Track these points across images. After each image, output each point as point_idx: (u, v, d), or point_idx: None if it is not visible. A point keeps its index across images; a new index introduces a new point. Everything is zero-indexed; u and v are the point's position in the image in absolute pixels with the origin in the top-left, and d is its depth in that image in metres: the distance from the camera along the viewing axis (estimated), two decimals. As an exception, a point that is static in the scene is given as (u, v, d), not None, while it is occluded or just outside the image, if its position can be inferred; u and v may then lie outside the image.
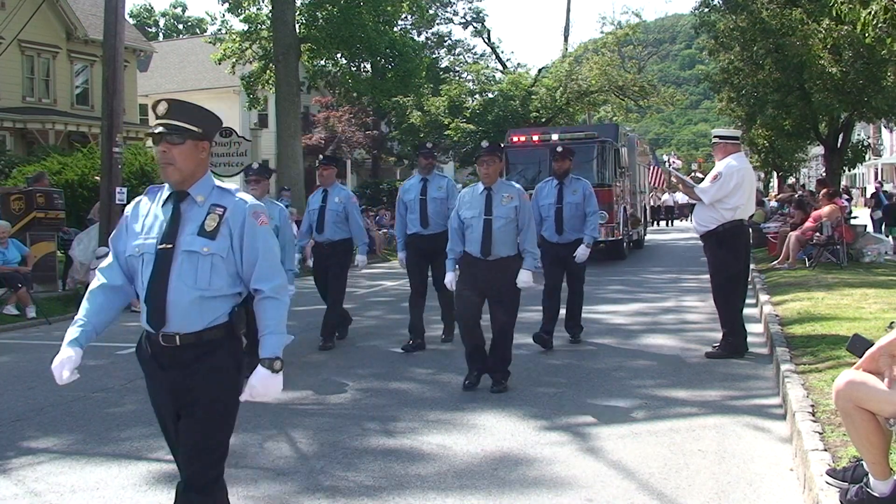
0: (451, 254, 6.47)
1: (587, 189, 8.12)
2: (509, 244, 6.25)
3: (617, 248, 17.87)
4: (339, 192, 8.64)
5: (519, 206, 6.23)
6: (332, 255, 8.53)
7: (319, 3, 23.86)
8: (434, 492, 4.21)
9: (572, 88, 31.76)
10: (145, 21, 62.18)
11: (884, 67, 17.99)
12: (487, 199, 6.27)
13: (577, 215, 8.01)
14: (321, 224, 8.52)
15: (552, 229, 8.08)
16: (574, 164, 16.72)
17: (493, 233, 6.18)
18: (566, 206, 8.04)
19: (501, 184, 6.35)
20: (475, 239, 6.23)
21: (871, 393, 3.28)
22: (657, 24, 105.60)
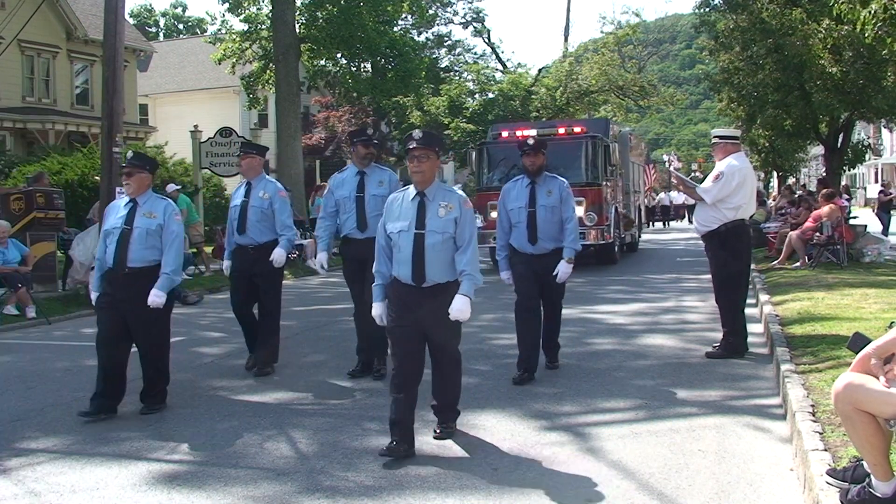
0: (378, 277, 5.02)
1: (564, 189, 6.77)
2: (450, 266, 4.85)
3: (608, 252, 16.70)
4: (264, 185, 7.31)
5: (459, 218, 4.85)
6: (257, 262, 7.15)
7: (319, 3, 23.86)
8: (434, 492, 4.21)
9: (572, 88, 31.79)
10: (145, 21, 62.21)
11: (884, 67, 17.99)
12: (420, 207, 4.84)
13: (553, 220, 6.69)
14: (242, 223, 7.21)
15: (524, 238, 6.71)
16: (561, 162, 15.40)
17: (426, 251, 4.79)
18: (540, 210, 6.67)
19: (439, 188, 4.94)
20: (404, 259, 4.82)
21: (870, 395, 3.28)
22: (657, 24, 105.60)
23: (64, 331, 10.17)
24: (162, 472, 4.67)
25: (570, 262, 6.68)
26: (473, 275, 4.81)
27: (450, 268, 4.84)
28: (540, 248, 6.71)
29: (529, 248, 6.73)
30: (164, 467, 4.76)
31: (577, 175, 15.05)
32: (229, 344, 8.81)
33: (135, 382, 6.94)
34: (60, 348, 8.89)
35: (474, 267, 4.83)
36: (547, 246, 6.71)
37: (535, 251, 6.73)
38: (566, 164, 14.91)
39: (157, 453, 5.01)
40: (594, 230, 15.61)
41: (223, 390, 6.69)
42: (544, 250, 6.71)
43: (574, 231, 6.70)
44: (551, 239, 6.70)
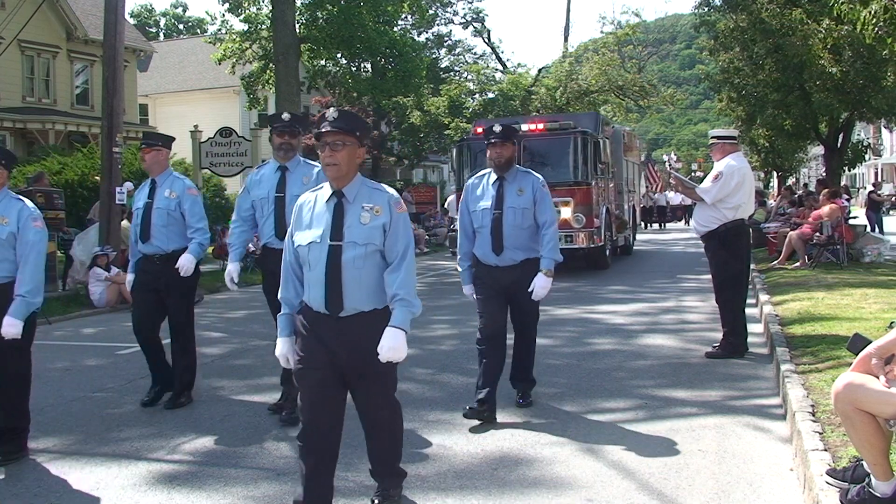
0: (284, 305, 3.84)
1: (539, 187, 5.61)
2: (376, 289, 3.66)
3: (598, 257, 15.50)
4: (171, 182, 6.19)
5: (389, 225, 3.66)
6: (164, 274, 6.06)
7: (319, 3, 23.89)
8: (434, 492, 4.21)
9: (572, 88, 31.78)
10: (145, 21, 62.23)
11: (884, 67, 18.01)
12: (337, 211, 3.65)
13: (523, 225, 5.55)
14: (146, 228, 6.11)
15: (487, 246, 5.58)
16: (548, 159, 14.96)
17: (343, 269, 3.60)
18: (508, 213, 5.53)
19: (363, 186, 3.72)
20: (315, 280, 3.63)
21: (870, 395, 3.28)
22: (657, 24, 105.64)
23: (64, 331, 10.17)
24: (162, 472, 4.67)
25: (548, 274, 5.52)
26: (409, 300, 3.63)
27: (376, 291, 3.64)
28: (506, 258, 5.56)
29: (493, 259, 5.58)
30: (164, 467, 4.76)
31: (564, 174, 14.47)
32: (229, 344, 8.81)
33: (134, 383, 6.94)
34: (60, 348, 8.89)
35: (410, 290, 3.65)
36: (515, 257, 5.55)
37: (499, 262, 5.57)
38: (552, 162, 14.48)
39: (157, 453, 5.01)
40: (583, 233, 14.53)
41: (223, 390, 6.69)
42: (511, 262, 5.56)
43: (553, 238, 5.57)
44: (521, 248, 5.56)
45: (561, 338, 8.65)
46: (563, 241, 14.11)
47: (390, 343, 3.57)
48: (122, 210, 13.26)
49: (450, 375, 6.94)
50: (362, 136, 3.72)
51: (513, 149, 5.64)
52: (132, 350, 8.57)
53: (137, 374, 7.11)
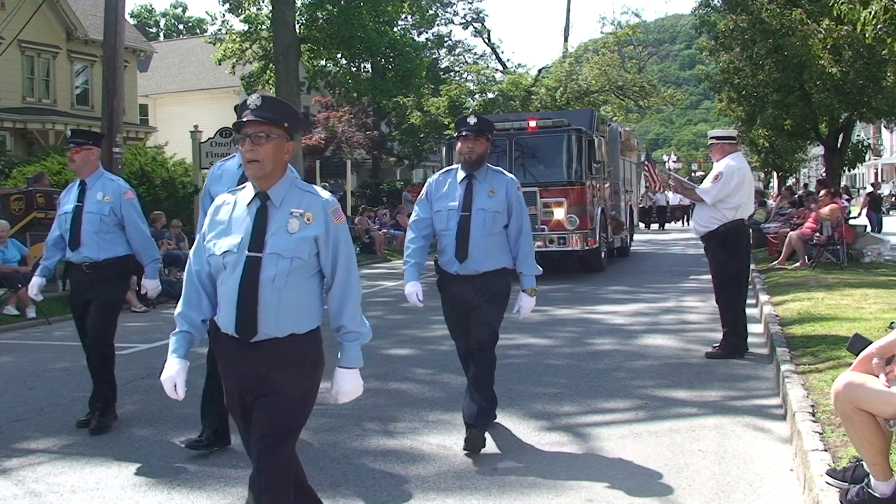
0: (181, 321, 3.22)
1: (513, 190, 5.01)
2: (296, 313, 3.05)
3: (593, 259, 15.03)
4: (103, 184, 5.64)
5: (324, 238, 3.05)
6: (94, 285, 5.56)
7: (319, 4, 23.90)
8: (434, 492, 4.21)
9: (572, 88, 31.81)
10: (145, 21, 62.23)
11: (884, 67, 18.00)
12: (259, 216, 3.03)
13: (493, 231, 4.93)
14: (75, 235, 5.55)
15: (451, 251, 4.95)
16: (540, 158, 14.71)
17: (261, 288, 2.99)
18: (477, 215, 4.91)
19: (293, 188, 3.10)
20: (227, 297, 3.04)
21: (870, 394, 3.28)
22: (657, 24, 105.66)
23: (64, 331, 10.16)
24: (162, 472, 4.67)
25: (532, 293, 5.07)
26: (358, 331, 3.14)
27: (299, 315, 3.05)
28: (470, 267, 4.92)
29: (455, 266, 4.95)
30: (164, 467, 4.76)
31: (557, 173, 14.22)
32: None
33: (134, 383, 6.94)
34: (60, 348, 8.90)
35: (357, 317, 3.13)
36: (479, 266, 4.91)
37: (461, 270, 4.93)
38: (545, 161, 14.28)
39: (157, 453, 5.01)
40: (576, 235, 14.06)
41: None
42: (475, 271, 4.92)
43: (529, 249, 5.04)
44: (488, 256, 4.93)
45: (561, 338, 8.65)
46: (555, 243, 14.04)
47: (346, 387, 3.16)
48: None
49: (450, 375, 6.94)
50: (292, 128, 3.09)
51: (486, 145, 5.02)
52: (132, 350, 8.58)
53: (137, 375, 7.12)
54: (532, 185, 13.63)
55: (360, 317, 3.17)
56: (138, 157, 20.69)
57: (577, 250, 14.28)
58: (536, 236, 13.94)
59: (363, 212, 24.48)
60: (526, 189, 13.91)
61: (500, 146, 13.84)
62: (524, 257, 5.02)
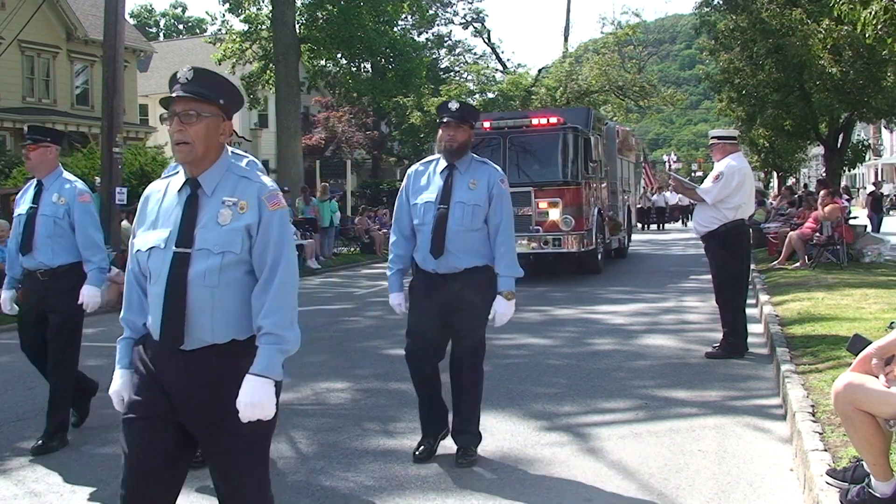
0: (125, 327, 2.92)
1: (496, 182, 4.61)
2: (233, 316, 2.69)
3: (589, 261, 14.62)
4: (60, 186, 5.25)
5: (259, 228, 2.69)
6: (49, 295, 5.17)
7: (319, 3, 23.92)
8: (434, 492, 4.21)
9: (572, 88, 31.82)
10: (145, 21, 62.24)
11: (884, 67, 18.02)
12: (189, 206, 2.70)
13: (472, 226, 4.55)
14: (28, 239, 5.17)
15: (427, 247, 4.59)
16: (535, 157, 14.44)
17: (189, 286, 2.65)
18: (455, 208, 4.54)
19: (229, 172, 2.76)
20: (154, 300, 2.72)
21: (870, 395, 3.28)
22: (657, 24, 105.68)
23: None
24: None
25: (510, 297, 4.57)
26: (279, 334, 2.66)
27: (238, 318, 2.68)
28: (447, 264, 4.55)
29: (432, 264, 4.58)
30: (164, 467, 4.74)
31: (552, 172, 13.89)
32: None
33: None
34: (60, 348, 8.88)
35: (282, 319, 2.67)
36: (458, 263, 4.54)
37: (438, 268, 4.57)
38: (540, 160, 13.96)
39: (157, 453, 5.00)
40: (572, 236, 13.68)
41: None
42: (452, 269, 4.55)
43: (510, 248, 4.59)
44: (467, 253, 4.55)
45: (561, 338, 8.65)
46: (550, 244, 13.69)
47: (250, 397, 2.58)
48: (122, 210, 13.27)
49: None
50: (228, 105, 2.73)
51: (469, 133, 4.64)
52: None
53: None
54: (527, 185, 13.44)
55: (288, 319, 2.67)
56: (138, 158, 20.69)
57: (573, 252, 13.91)
58: (531, 237, 13.64)
59: (363, 212, 24.49)
60: (521, 189, 13.43)
61: (494, 144, 13.73)
62: (502, 256, 4.55)
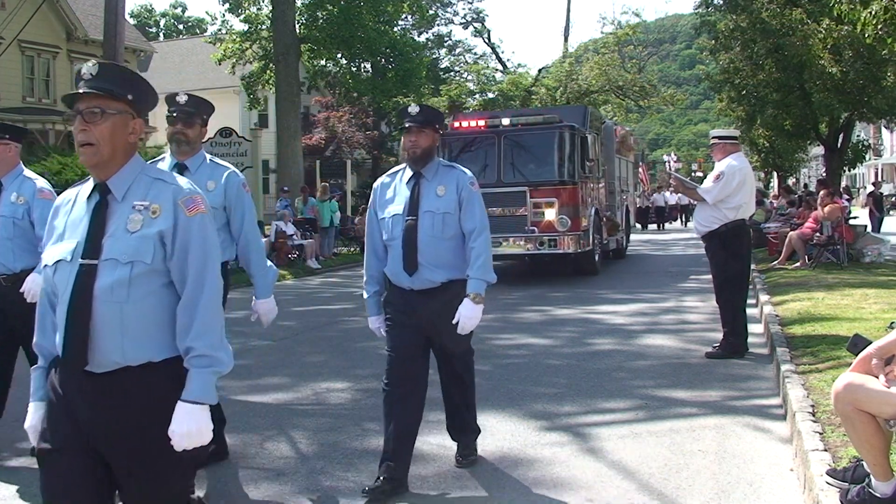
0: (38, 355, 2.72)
1: (465, 185, 4.32)
2: (147, 334, 2.46)
3: (586, 262, 14.40)
4: (20, 184, 5.01)
5: (174, 232, 2.47)
6: (10, 297, 4.85)
7: (319, 3, 23.93)
8: (434, 492, 4.21)
9: (572, 88, 31.86)
10: (145, 21, 62.24)
11: (884, 67, 18.02)
12: (96, 215, 2.50)
13: (444, 235, 4.26)
14: None
15: (399, 263, 4.29)
16: (530, 156, 14.20)
17: (94, 303, 2.41)
18: (424, 219, 4.25)
19: (142, 175, 2.54)
20: (59, 318, 2.47)
21: (870, 395, 3.28)
22: (657, 24, 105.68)
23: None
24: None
25: (477, 300, 4.22)
26: (211, 355, 2.47)
27: (152, 335, 2.43)
28: (422, 279, 4.24)
29: (406, 280, 4.27)
30: (164, 467, 4.74)
31: (547, 172, 13.61)
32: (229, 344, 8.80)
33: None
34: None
35: (213, 338, 2.48)
36: (433, 277, 4.24)
37: (413, 284, 4.26)
38: (535, 159, 13.74)
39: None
40: (568, 237, 13.34)
41: (223, 390, 6.68)
42: (429, 284, 4.25)
43: (483, 252, 4.26)
44: (442, 265, 4.25)
45: (561, 338, 8.65)
46: (546, 245, 13.39)
47: (186, 426, 2.36)
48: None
49: (450, 375, 6.94)
50: (138, 102, 2.47)
51: (433, 137, 4.35)
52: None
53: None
54: (522, 185, 13.37)
55: (216, 338, 2.46)
56: (138, 157, 20.72)
57: (569, 253, 13.59)
58: (527, 238, 13.40)
59: (363, 212, 24.47)
60: (516, 189, 13.57)
61: (488, 144, 13.68)
62: (475, 259, 4.22)
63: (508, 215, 13.23)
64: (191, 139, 4.54)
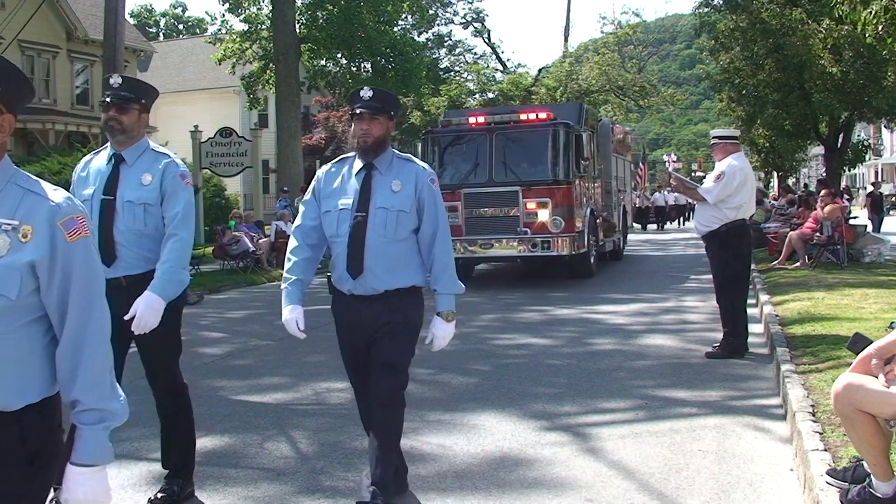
0: None
1: (425, 183, 3.83)
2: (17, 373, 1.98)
3: (580, 265, 13.81)
4: None
5: (50, 261, 1.97)
6: None
7: (319, 3, 23.93)
8: (434, 492, 4.21)
9: (572, 88, 31.88)
10: (145, 21, 62.24)
11: (884, 67, 18.03)
12: None
13: (396, 237, 3.76)
14: None
15: (342, 263, 3.79)
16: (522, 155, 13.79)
17: None
18: (376, 215, 3.75)
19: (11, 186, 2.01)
20: None
21: (869, 395, 3.28)
22: (657, 24, 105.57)
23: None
24: (162, 473, 4.65)
25: (450, 318, 3.85)
26: (102, 409, 2.10)
27: (20, 383, 1.99)
28: (366, 284, 3.73)
29: (348, 284, 3.76)
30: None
31: (540, 171, 13.15)
32: (229, 344, 8.81)
33: (134, 383, 6.95)
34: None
35: (102, 389, 2.08)
36: (377, 284, 3.72)
37: (355, 289, 3.75)
38: (527, 158, 13.32)
39: (157, 453, 4.99)
40: (561, 238, 12.85)
41: (223, 390, 6.69)
42: (372, 290, 3.74)
43: (449, 261, 3.84)
44: (392, 270, 3.74)
45: (561, 338, 8.65)
46: (539, 247, 12.86)
47: (82, 494, 2.05)
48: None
49: (450, 375, 6.95)
50: (10, 96, 2.01)
51: (387, 126, 3.82)
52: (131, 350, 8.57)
53: (138, 375, 7.10)
54: (514, 184, 12.98)
55: (106, 387, 2.06)
56: None
57: (563, 255, 13.05)
58: (519, 240, 12.92)
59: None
60: (508, 188, 13.13)
61: (479, 142, 13.30)
62: (440, 271, 3.83)
63: (500, 216, 12.94)
64: (126, 127, 3.94)
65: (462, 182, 13.20)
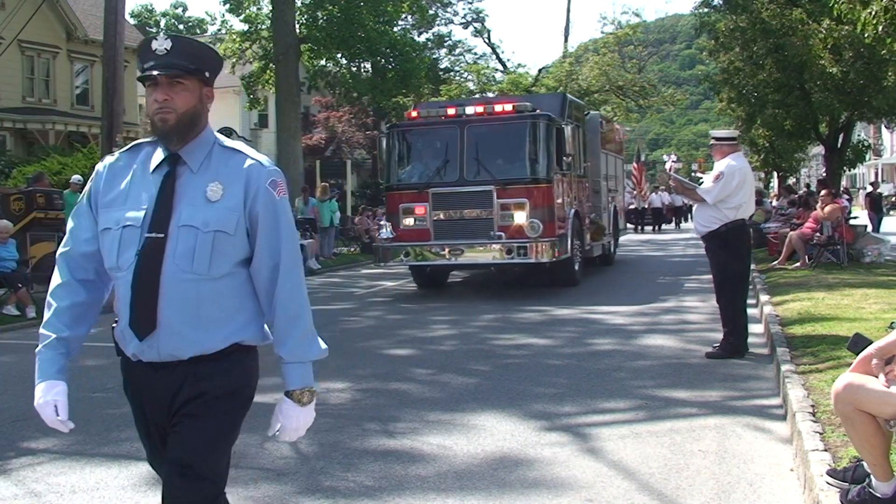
0: None
1: (262, 187, 2.41)
2: None
3: (563, 271, 12.50)
4: None
5: None
6: None
7: (319, 3, 23.92)
8: (434, 492, 4.21)
9: (572, 88, 31.83)
10: (145, 21, 62.22)
11: (884, 67, 18.03)
12: None
13: (211, 275, 2.37)
14: None
15: (125, 313, 2.43)
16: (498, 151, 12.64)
17: None
18: (179, 238, 2.34)
19: None
20: None
21: (870, 395, 3.28)
22: (657, 24, 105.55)
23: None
24: (162, 473, 4.66)
25: (305, 399, 2.74)
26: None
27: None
28: (162, 348, 2.40)
29: (134, 345, 2.44)
30: (164, 467, 4.75)
31: (517, 169, 11.95)
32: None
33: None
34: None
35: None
36: (178, 348, 2.39)
37: (143, 354, 2.44)
38: (503, 154, 12.11)
39: (157, 453, 5.01)
40: (540, 243, 11.48)
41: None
42: (170, 356, 2.40)
43: (302, 307, 2.61)
44: (201, 325, 2.40)
45: (561, 338, 8.65)
46: (514, 253, 11.55)
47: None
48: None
49: (450, 375, 6.95)
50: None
51: (201, 94, 2.42)
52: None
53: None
54: (487, 183, 11.71)
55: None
56: None
57: (542, 262, 11.71)
58: (492, 246, 11.56)
59: (363, 212, 24.49)
60: (480, 187, 11.95)
61: (449, 136, 12.03)
62: (287, 326, 2.58)
63: (471, 218, 11.64)
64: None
65: (430, 181, 11.90)
